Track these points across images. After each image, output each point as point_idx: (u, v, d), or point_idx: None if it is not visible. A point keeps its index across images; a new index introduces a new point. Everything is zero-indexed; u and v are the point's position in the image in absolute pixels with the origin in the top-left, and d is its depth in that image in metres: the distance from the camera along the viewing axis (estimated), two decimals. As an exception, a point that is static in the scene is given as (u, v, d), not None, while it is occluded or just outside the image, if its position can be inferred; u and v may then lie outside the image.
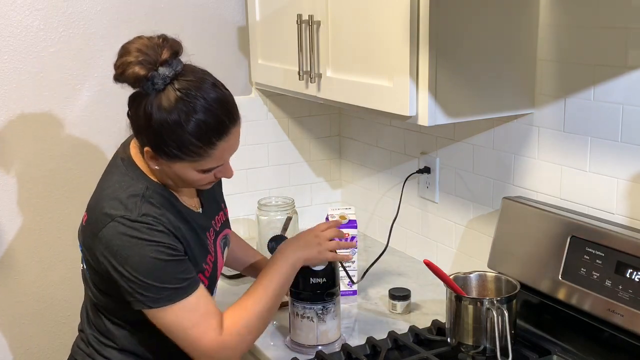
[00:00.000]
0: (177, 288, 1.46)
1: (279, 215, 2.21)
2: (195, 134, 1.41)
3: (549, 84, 1.77)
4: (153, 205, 1.48)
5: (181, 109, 1.39)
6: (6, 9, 2.12)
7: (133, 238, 1.43)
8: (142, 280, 1.44)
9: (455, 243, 2.16)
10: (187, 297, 1.47)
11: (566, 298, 1.64)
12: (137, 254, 1.43)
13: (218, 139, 1.44)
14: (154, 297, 1.46)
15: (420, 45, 1.64)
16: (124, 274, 1.45)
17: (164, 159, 1.46)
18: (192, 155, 1.44)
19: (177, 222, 1.51)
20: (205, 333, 1.48)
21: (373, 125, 2.49)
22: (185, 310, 1.47)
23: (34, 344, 2.34)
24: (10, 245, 2.25)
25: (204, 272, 1.58)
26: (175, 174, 1.49)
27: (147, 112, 1.41)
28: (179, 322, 1.48)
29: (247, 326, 1.54)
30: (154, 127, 1.41)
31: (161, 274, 1.45)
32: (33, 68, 2.18)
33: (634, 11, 1.54)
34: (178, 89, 1.40)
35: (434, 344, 1.75)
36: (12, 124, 2.18)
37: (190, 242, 1.54)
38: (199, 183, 1.53)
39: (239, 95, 2.49)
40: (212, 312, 1.51)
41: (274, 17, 2.24)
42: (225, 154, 1.49)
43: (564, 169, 1.77)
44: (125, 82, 1.41)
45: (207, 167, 1.48)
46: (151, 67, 1.39)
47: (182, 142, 1.41)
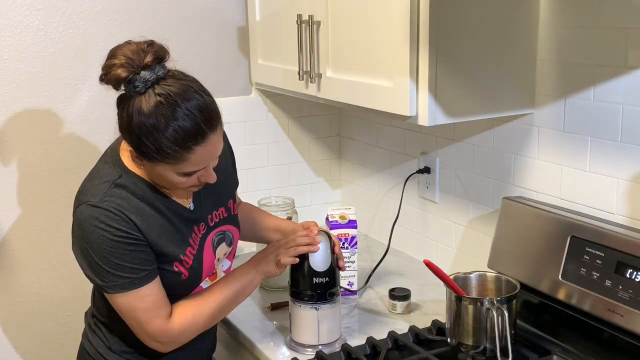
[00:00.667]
0: (131, 278, 1.53)
1: (279, 215, 2.20)
2: (172, 138, 1.43)
3: (549, 84, 1.77)
4: (121, 190, 1.53)
5: (159, 113, 1.42)
6: (6, 9, 2.12)
7: (94, 223, 1.50)
8: (100, 265, 1.52)
9: (455, 243, 2.16)
10: (140, 287, 1.55)
11: (566, 298, 1.64)
12: (96, 240, 1.51)
13: (195, 144, 1.45)
14: (110, 284, 1.54)
15: (420, 45, 1.64)
16: (85, 257, 1.54)
17: (145, 160, 1.50)
18: (170, 159, 1.46)
19: (147, 210, 1.56)
20: (152, 319, 1.58)
21: (373, 125, 2.49)
22: (137, 299, 1.55)
23: (34, 344, 2.34)
24: (10, 245, 2.25)
25: (182, 263, 1.62)
26: (158, 175, 1.53)
27: (128, 113, 1.45)
28: (130, 307, 1.57)
29: (193, 322, 1.63)
30: (134, 130, 1.44)
31: (117, 261, 1.52)
32: (33, 68, 2.18)
33: (634, 11, 1.54)
34: (158, 93, 1.43)
35: (434, 344, 1.75)
36: (12, 124, 2.18)
37: (160, 231, 1.57)
38: (182, 185, 1.55)
39: (239, 95, 2.49)
40: (163, 303, 1.60)
41: (274, 17, 2.24)
42: (204, 160, 1.51)
43: (564, 169, 1.77)
44: (109, 83, 1.45)
45: (187, 171, 1.50)
46: (133, 70, 1.43)
47: (159, 146, 1.44)
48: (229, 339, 2.01)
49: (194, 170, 1.51)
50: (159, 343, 1.62)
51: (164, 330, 1.60)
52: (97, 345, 1.72)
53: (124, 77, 1.42)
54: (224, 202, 1.76)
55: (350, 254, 2.05)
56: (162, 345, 1.63)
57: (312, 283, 1.70)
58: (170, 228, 1.60)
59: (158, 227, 1.57)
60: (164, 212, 1.59)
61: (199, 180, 1.55)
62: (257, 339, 1.85)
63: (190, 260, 1.64)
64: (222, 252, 1.74)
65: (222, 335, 2.02)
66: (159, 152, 1.45)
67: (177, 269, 1.61)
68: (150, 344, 1.62)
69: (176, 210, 1.62)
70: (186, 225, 1.64)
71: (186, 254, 1.63)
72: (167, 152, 1.45)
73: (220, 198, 1.74)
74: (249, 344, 1.85)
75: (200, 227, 1.67)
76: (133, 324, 1.60)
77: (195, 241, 1.66)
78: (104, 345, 1.71)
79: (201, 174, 1.54)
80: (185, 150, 1.45)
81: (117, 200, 1.52)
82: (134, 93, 1.44)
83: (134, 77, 1.43)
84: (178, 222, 1.62)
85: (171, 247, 1.60)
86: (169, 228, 1.60)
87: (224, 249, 1.74)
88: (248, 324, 1.92)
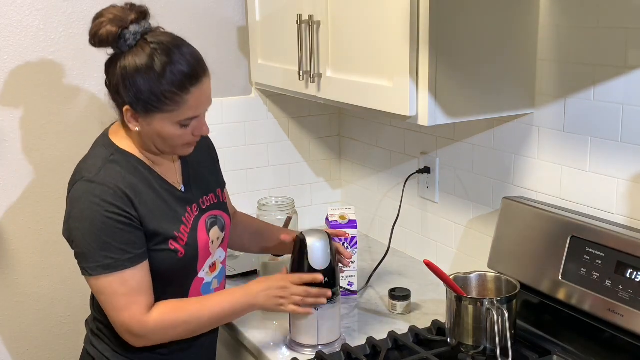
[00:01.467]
0: (115, 259, 1.54)
1: (279, 215, 2.20)
2: (170, 80, 1.49)
3: (549, 84, 1.77)
4: (115, 166, 1.57)
5: (155, 59, 1.49)
6: (6, 9, 2.12)
7: (89, 198, 1.53)
8: (88, 243, 1.53)
9: (455, 243, 2.16)
10: (124, 270, 1.55)
11: (566, 298, 1.64)
12: (89, 216, 1.53)
13: (191, 85, 1.51)
14: (94, 265, 1.54)
15: (420, 45, 1.64)
16: (73, 233, 1.56)
17: (141, 114, 1.53)
18: (168, 104, 1.50)
19: (140, 186, 1.58)
20: (130, 306, 1.56)
21: (373, 125, 2.49)
22: (118, 282, 1.55)
23: (34, 343, 2.34)
24: (10, 245, 2.25)
25: (176, 240, 1.63)
26: (155, 133, 1.56)
27: (122, 67, 1.50)
28: (111, 290, 1.56)
29: (171, 325, 1.62)
30: (130, 81, 1.50)
31: (106, 238, 1.53)
32: (33, 68, 2.18)
33: (634, 11, 1.54)
34: (150, 42, 1.51)
35: (434, 344, 1.75)
36: (12, 124, 2.18)
37: (153, 207, 1.60)
38: (179, 141, 1.58)
39: (239, 95, 2.49)
40: (144, 292, 1.58)
41: (274, 17, 2.24)
42: (199, 103, 1.55)
43: (564, 169, 1.77)
44: (100, 41, 1.51)
45: (184, 118, 1.54)
46: (122, 25, 1.49)
47: (158, 90, 1.49)
48: (229, 338, 2.01)
49: (191, 116, 1.54)
50: (131, 334, 1.59)
51: (139, 321, 1.57)
52: (102, 350, 1.70)
53: (114, 31, 1.48)
54: (213, 189, 1.79)
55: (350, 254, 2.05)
56: (133, 337, 1.60)
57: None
58: (163, 205, 1.62)
59: (151, 203, 1.60)
60: (157, 190, 1.62)
61: (193, 135, 1.59)
62: (257, 338, 1.84)
63: (185, 238, 1.65)
64: (216, 235, 1.74)
65: (222, 335, 2.02)
66: (157, 98, 1.49)
67: (173, 247, 1.62)
68: (122, 334, 1.60)
69: (168, 189, 1.65)
70: (179, 204, 1.66)
71: (180, 231, 1.64)
72: (165, 96, 1.49)
73: (208, 185, 1.78)
74: (249, 344, 1.86)
75: (192, 208, 1.69)
76: (109, 310, 1.58)
77: (188, 220, 1.67)
78: (110, 349, 1.69)
79: (195, 125, 1.57)
80: (183, 91, 1.50)
81: (112, 174, 1.56)
82: (126, 47, 1.50)
83: (124, 31, 1.49)
84: (171, 201, 1.65)
85: (164, 224, 1.61)
86: (162, 205, 1.62)
87: (217, 233, 1.75)
88: (248, 323, 1.92)
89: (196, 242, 1.67)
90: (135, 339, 1.61)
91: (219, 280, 1.78)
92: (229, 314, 1.68)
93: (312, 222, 2.64)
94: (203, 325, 1.66)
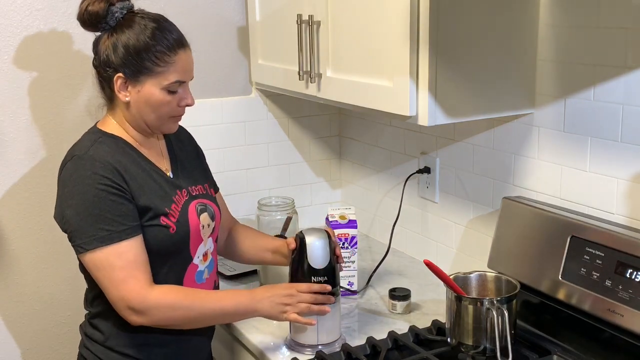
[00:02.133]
0: (110, 231, 1.56)
1: (279, 215, 2.20)
2: (159, 41, 1.61)
3: (549, 84, 1.77)
4: (104, 146, 1.63)
5: (144, 25, 1.62)
6: (6, 9, 2.12)
7: (80, 173, 1.58)
8: (81, 218, 1.56)
9: (455, 243, 2.16)
10: (119, 242, 1.57)
11: (566, 298, 1.64)
12: (80, 190, 1.57)
13: (179, 48, 1.63)
14: (88, 239, 1.56)
15: (420, 45, 1.64)
16: (66, 212, 1.59)
17: (131, 80, 1.61)
18: (158, 63, 1.60)
19: (129, 165, 1.64)
20: (128, 279, 1.57)
21: (373, 125, 2.49)
22: (114, 255, 1.57)
23: (34, 344, 2.34)
24: (10, 245, 2.25)
25: (167, 216, 1.66)
26: (144, 101, 1.63)
27: (112, 37, 1.62)
28: (107, 264, 1.57)
29: (171, 306, 1.61)
30: (121, 46, 1.61)
31: (99, 210, 1.56)
32: (33, 68, 2.18)
33: (634, 11, 1.54)
34: (137, 13, 1.65)
35: (434, 344, 1.75)
36: (12, 124, 2.18)
37: (143, 184, 1.64)
38: (165, 109, 1.65)
39: (239, 95, 2.49)
40: (142, 267, 1.59)
41: (274, 17, 2.24)
42: (185, 69, 1.65)
43: (564, 169, 1.77)
44: (89, 17, 1.62)
45: (172, 80, 1.62)
46: (109, 2, 1.62)
47: (148, 50, 1.60)
48: (229, 338, 2.01)
49: (178, 79, 1.63)
50: (131, 310, 1.58)
51: (139, 294, 1.57)
52: (95, 351, 1.70)
53: (103, 6, 1.61)
54: (201, 182, 1.82)
55: (350, 254, 2.05)
56: (133, 314, 1.58)
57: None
58: (153, 184, 1.66)
59: (141, 180, 1.64)
60: (146, 170, 1.67)
61: (179, 106, 1.67)
62: (257, 339, 1.84)
63: (177, 215, 1.67)
64: (206, 221, 1.76)
65: (222, 334, 2.02)
66: (148, 57, 1.59)
67: (165, 223, 1.64)
68: (122, 310, 1.59)
69: (157, 171, 1.70)
70: (168, 185, 1.70)
71: (171, 208, 1.67)
72: (156, 56, 1.60)
73: (195, 177, 1.82)
74: (249, 344, 1.85)
75: (182, 192, 1.72)
76: (108, 287, 1.58)
77: (179, 201, 1.70)
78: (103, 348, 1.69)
79: (181, 95, 1.66)
80: (172, 52, 1.61)
81: (100, 152, 1.61)
82: (114, 21, 1.62)
83: (111, 7, 1.62)
84: (161, 181, 1.69)
85: (155, 200, 1.64)
86: (152, 183, 1.66)
87: (207, 220, 1.76)
88: (248, 323, 1.92)
89: (187, 221, 1.69)
90: (135, 315, 1.59)
91: (209, 271, 1.79)
92: (230, 312, 1.68)
93: (312, 222, 2.64)
94: (203, 317, 1.65)
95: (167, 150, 1.80)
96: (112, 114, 1.70)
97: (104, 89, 1.69)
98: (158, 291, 1.60)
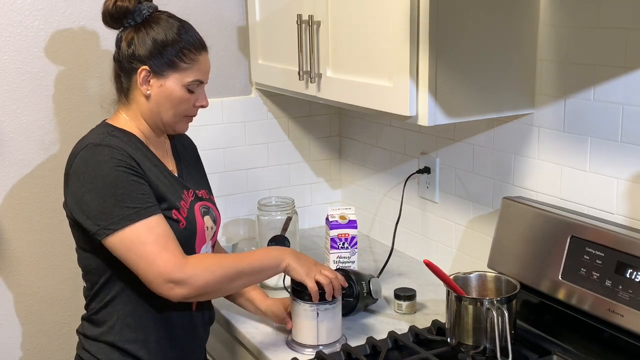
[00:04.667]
0: (137, 207, 1.56)
1: (279, 215, 2.21)
2: (186, 39, 1.66)
3: (549, 84, 1.77)
4: (117, 139, 1.63)
5: (172, 24, 1.67)
6: (6, 9, 2.12)
7: (98, 158, 1.58)
8: (104, 201, 1.55)
9: (455, 243, 2.16)
10: (148, 218, 1.56)
11: (566, 298, 1.64)
12: (99, 175, 1.56)
13: (202, 49, 1.69)
14: (116, 219, 1.55)
15: (420, 45, 1.64)
16: (85, 199, 1.57)
17: (156, 73, 1.64)
18: (185, 60, 1.64)
19: (142, 159, 1.64)
20: (162, 252, 1.55)
21: (373, 125, 2.49)
22: (145, 230, 1.56)
23: (34, 344, 2.34)
24: (10, 245, 2.25)
25: (179, 210, 1.67)
26: (165, 95, 1.65)
27: (141, 33, 1.65)
28: (139, 241, 1.55)
29: (210, 269, 1.59)
30: (149, 41, 1.64)
31: (122, 190, 1.56)
32: (33, 68, 2.18)
33: (634, 11, 1.55)
34: (163, 12, 1.70)
35: (434, 344, 1.75)
36: (12, 124, 2.18)
37: (156, 178, 1.65)
38: (183, 107, 1.68)
39: (239, 95, 2.49)
40: (173, 239, 1.59)
41: (274, 17, 2.24)
42: (206, 69, 1.70)
43: (564, 169, 1.77)
44: (117, 11, 1.65)
45: (195, 78, 1.66)
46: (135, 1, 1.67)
47: (177, 46, 1.64)
48: (229, 338, 2.01)
49: (200, 79, 1.68)
50: (172, 283, 1.54)
51: (178, 264, 1.54)
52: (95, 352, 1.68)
53: (133, 3, 1.65)
54: (202, 187, 1.84)
55: (350, 254, 2.05)
56: (175, 286, 1.54)
57: None
58: (164, 179, 1.68)
59: (154, 174, 1.65)
60: (158, 166, 1.69)
61: (194, 106, 1.70)
62: (257, 339, 1.84)
63: (185, 212, 1.69)
64: (209, 223, 1.77)
65: (222, 334, 2.02)
66: (177, 53, 1.64)
67: (176, 217, 1.66)
68: (161, 286, 1.55)
69: (166, 169, 1.72)
70: (177, 184, 1.72)
71: (181, 205, 1.69)
72: (184, 53, 1.64)
73: (199, 182, 1.84)
74: (249, 344, 1.86)
75: (189, 192, 1.74)
76: (142, 265, 1.54)
77: (186, 200, 1.72)
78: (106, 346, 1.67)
79: (197, 96, 1.69)
80: (198, 51, 1.67)
81: (116, 141, 1.62)
82: (140, 18, 1.66)
83: (139, 4, 1.66)
84: (170, 178, 1.71)
85: (168, 194, 1.66)
86: (164, 179, 1.68)
87: (210, 222, 1.78)
88: (248, 323, 1.92)
89: (195, 219, 1.71)
90: (178, 287, 1.55)
91: None
92: (263, 266, 1.67)
93: (312, 222, 2.65)
94: (240, 273, 1.63)
95: (172, 152, 1.82)
96: (125, 109, 1.70)
97: (122, 83, 1.70)
98: (194, 259, 1.60)
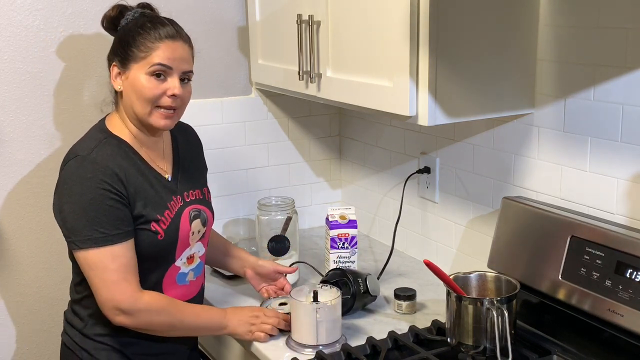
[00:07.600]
0: (106, 234, 1.61)
1: (279, 215, 2.20)
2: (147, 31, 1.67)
3: (549, 84, 1.77)
4: (107, 149, 1.67)
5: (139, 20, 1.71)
6: (6, 8, 2.12)
7: (81, 174, 1.62)
8: (77, 217, 1.60)
9: (455, 243, 2.16)
10: (113, 245, 1.61)
11: (566, 298, 1.64)
12: (79, 191, 1.61)
13: (166, 37, 1.67)
14: (83, 238, 1.61)
15: (420, 45, 1.64)
16: (63, 208, 1.63)
17: (121, 67, 1.68)
18: (141, 49, 1.65)
19: (129, 169, 1.67)
20: (121, 282, 1.62)
21: (373, 125, 2.49)
22: (108, 257, 1.61)
23: (34, 344, 2.34)
24: (10, 245, 2.25)
25: (158, 222, 1.70)
26: (131, 87, 1.67)
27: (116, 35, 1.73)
28: (101, 265, 1.61)
29: (158, 312, 1.68)
30: (116, 40, 1.72)
31: (95, 213, 1.60)
32: (33, 68, 2.18)
33: (634, 11, 1.55)
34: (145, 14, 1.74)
35: (434, 344, 1.75)
36: (12, 124, 2.18)
37: (140, 190, 1.68)
38: (149, 94, 1.66)
39: (239, 95, 2.49)
40: (134, 272, 1.65)
41: (274, 17, 2.24)
42: (171, 56, 1.67)
43: (564, 169, 1.77)
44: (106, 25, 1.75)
45: (153, 63, 1.65)
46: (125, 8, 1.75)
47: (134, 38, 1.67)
48: (229, 338, 2.01)
49: (160, 62, 1.65)
50: (119, 310, 1.63)
51: (131, 297, 1.63)
52: (73, 335, 1.76)
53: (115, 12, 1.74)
54: (199, 186, 1.86)
55: (350, 254, 2.05)
56: (120, 314, 1.64)
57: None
58: (150, 190, 1.70)
59: (139, 186, 1.68)
60: (145, 175, 1.70)
61: (167, 94, 1.67)
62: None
63: (168, 222, 1.71)
64: (197, 227, 1.80)
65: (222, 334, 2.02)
66: (134, 46, 1.65)
67: (154, 229, 1.69)
68: (108, 310, 1.64)
69: (156, 176, 1.74)
70: (165, 190, 1.74)
71: (164, 215, 1.71)
72: (140, 43, 1.65)
73: (195, 182, 1.85)
74: (249, 344, 1.85)
75: (177, 199, 1.76)
76: (100, 286, 1.62)
77: (173, 208, 1.74)
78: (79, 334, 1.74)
79: (168, 84, 1.67)
80: (157, 40, 1.66)
81: (103, 155, 1.65)
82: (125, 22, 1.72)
83: (127, 13, 1.74)
84: (158, 186, 1.73)
85: (149, 207, 1.68)
86: (149, 190, 1.70)
87: (199, 226, 1.80)
88: (248, 324, 1.92)
89: (177, 228, 1.73)
90: (123, 316, 1.64)
91: (195, 274, 1.83)
92: (204, 326, 1.78)
93: (312, 222, 2.65)
94: (181, 325, 1.73)
95: (171, 153, 1.83)
96: (118, 110, 1.75)
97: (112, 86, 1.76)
98: (148, 296, 1.67)
